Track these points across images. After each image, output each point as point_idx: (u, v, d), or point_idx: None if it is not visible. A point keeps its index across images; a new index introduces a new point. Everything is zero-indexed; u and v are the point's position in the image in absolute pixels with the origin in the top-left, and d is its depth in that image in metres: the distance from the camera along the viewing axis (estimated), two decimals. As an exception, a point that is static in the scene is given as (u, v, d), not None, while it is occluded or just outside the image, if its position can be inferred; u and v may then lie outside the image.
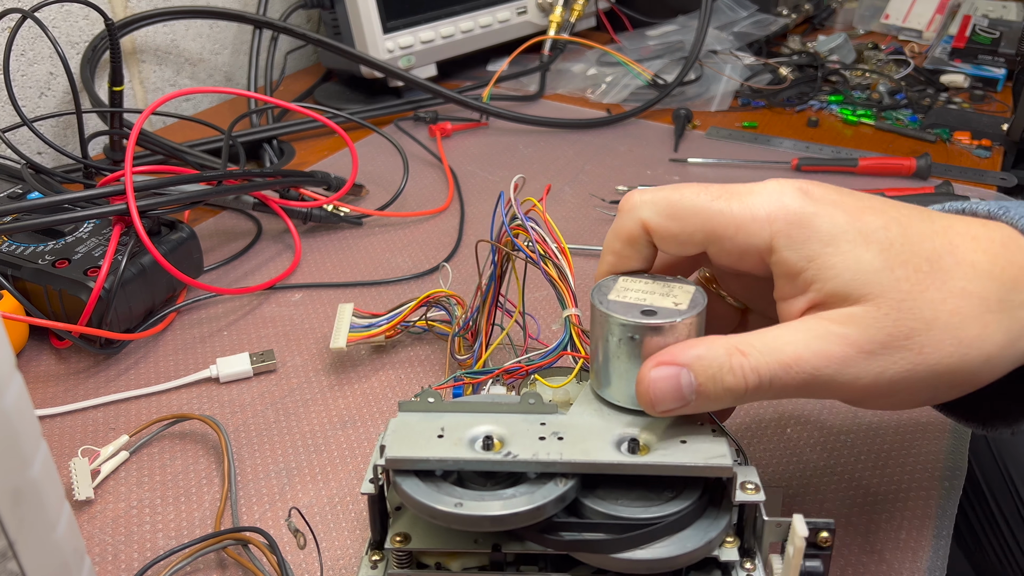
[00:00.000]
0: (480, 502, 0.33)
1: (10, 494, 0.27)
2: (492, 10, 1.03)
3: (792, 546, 0.32)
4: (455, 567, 0.36)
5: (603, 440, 0.35)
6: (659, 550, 0.33)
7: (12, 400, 0.27)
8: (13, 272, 0.57)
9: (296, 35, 0.88)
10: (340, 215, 0.72)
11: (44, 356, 0.58)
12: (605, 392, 0.37)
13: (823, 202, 0.34)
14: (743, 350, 0.33)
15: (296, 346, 0.58)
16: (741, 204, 0.34)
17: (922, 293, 0.33)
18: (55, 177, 0.67)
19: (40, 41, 0.82)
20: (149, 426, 0.50)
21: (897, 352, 0.33)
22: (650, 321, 0.34)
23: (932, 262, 0.33)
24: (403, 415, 0.36)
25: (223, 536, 0.42)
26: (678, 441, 0.35)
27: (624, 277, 0.38)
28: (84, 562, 0.33)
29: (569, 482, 0.34)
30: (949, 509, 0.45)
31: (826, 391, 0.33)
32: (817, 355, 0.32)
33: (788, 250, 0.33)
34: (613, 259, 0.38)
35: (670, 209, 0.36)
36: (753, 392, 0.33)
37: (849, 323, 0.33)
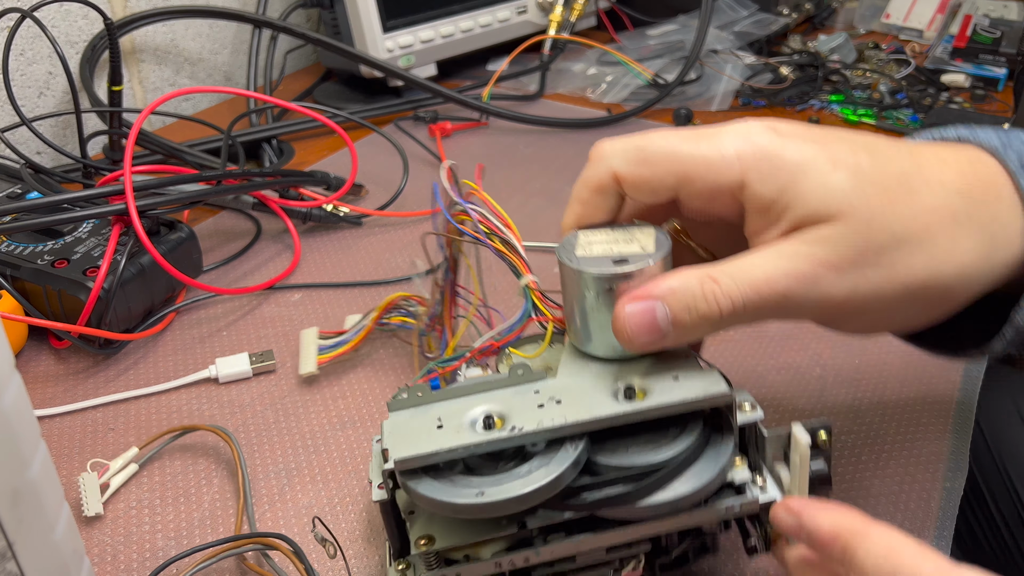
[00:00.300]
0: (500, 486, 0.32)
1: (9, 495, 0.27)
2: (492, 9, 1.03)
3: (796, 454, 0.33)
4: (485, 554, 0.35)
5: (600, 394, 0.35)
6: (679, 488, 0.34)
7: (11, 400, 0.27)
8: (12, 272, 0.57)
9: (296, 34, 0.87)
10: (340, 215, 0.72)
11: (43, 356, 0.58)
12: (588, 347, 0.37)
13: (790, 136, 0.35)
14: (715, 277, 0.34)
15: (296, 346, 0.58)
16: (710, 145, 0.35)
17: (892, 210, 0.33)
18: (54, 177, 0.67)
19: (39, 40, 0.82)
20: (159, 437, 0.49)
21: (868, 268, 0.33)
22: (624, 269, 0.35)
23: (901, 181, 0.34)
24: (394, 415, 0.36)
25: (246, 540, 0.41)
26: (671, 379, 0.35)
27: (584, 231, 0.38)
28: (83, 563, 0.33)
29: (579, 444, 0.34)
30: (949, 510, 0.45)
31: (800, 311, 0.34)
32: (788, 275, 0.33)
33: (759, 184, 0.34)
34: (581, 209, 0.38)
35: (640, 155, 0.36)
36: (728, 318, 0.34)
37: (819, 242, 0.33)
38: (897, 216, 0.33)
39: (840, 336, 0.57)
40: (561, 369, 0.37)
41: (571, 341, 0.38)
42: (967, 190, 0.34)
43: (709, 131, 0.36)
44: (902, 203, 0.33)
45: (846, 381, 0.54)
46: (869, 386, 0.53)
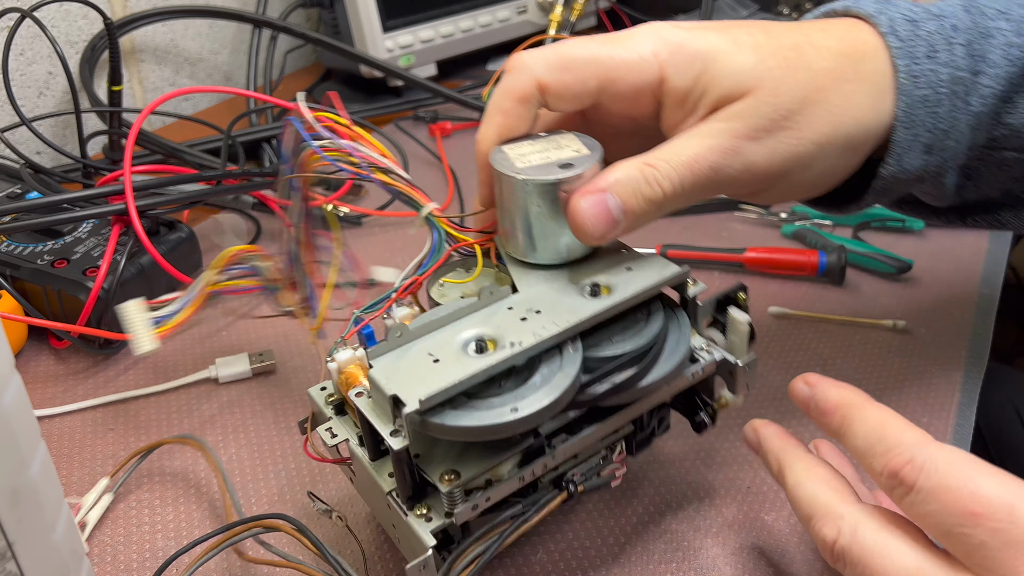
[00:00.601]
0: (527, 399, 0.33)
1: (8, 495, 0.27)
2: (492, 9, 1.03)
3: (737, 323, 0.39)
4: (504, 473, 0.35)
5: (571, 297, 0.37)
6: (665, 364, 0.36)
7: (11, 400, 0.27)
8: (12, 272, 0.57)
9: (295, 34, 0.87)
10: (339, 215, 0.72)
11: (43, 356, 0.58)
12: (538, 257, 0.38)
13: (695, 29, 0.38)
14: (651, 163, 0.36)
15: (295, 346, 0.58)
16: (625, 47, 0.38)
17: (792, 78, 0.37)
18: (54, 177, 0.67)
19: (39, 40, 0.82)
20: (127, 463, 0.47)
21: (781, 132, 0.37)
22: (572, 172, 0.37)
23: (795, 52, 0.38)
24: (378, 362, 0.34)
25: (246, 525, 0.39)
26: (625, 271, 0.38)
27: (508, 146, 0.39)
28: (83, 563, 0.33)
29: (579, 344, 0.35)
30: (950, 509, 0.45)
31: (730, 184, 0.38)
32: (712, 150, 0.37)
33: (677, 76, 0.37)
34: (502, 119, 0.39)
35: (562, 61, 0.38)
36: (671, 198, 0.37)
37: (735, 117, 0.37)
38: (797, 82, 0.37)
39: (840, 336, 0.57)
40: (519, 283, 0.38)
41: (511, 254, 0.39)
42: (849, 52, 0.38)
43: (622, 35, 0.38)
44: (799, 70, 0.37)
45: (847, 381, 0.53)
46: (869, 386, 0.53)
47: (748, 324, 0.39)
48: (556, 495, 0.36)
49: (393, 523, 0.36)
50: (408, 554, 0.36)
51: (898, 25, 0.39)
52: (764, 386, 0.53)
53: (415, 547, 0.34)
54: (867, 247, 0.64)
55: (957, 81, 0.38)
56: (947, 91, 0.38)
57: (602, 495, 0.46)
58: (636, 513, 0.45)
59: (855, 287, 0.63)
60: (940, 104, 0.38)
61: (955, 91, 0.38)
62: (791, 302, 0.61)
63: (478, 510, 0.34)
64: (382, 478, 0.36)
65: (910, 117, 0.38)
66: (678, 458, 0.48)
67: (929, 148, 0.39)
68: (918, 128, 0.39)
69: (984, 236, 0.69)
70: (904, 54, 0.38)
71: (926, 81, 0.38)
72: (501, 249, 0.40)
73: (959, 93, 0.39)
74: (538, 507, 0.36)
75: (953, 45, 0.39)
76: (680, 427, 0.50)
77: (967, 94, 0.39)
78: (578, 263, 0.39)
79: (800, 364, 0.55)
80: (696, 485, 0.46)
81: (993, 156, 0.41)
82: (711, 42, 0.37)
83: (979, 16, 0.40)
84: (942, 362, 0.55)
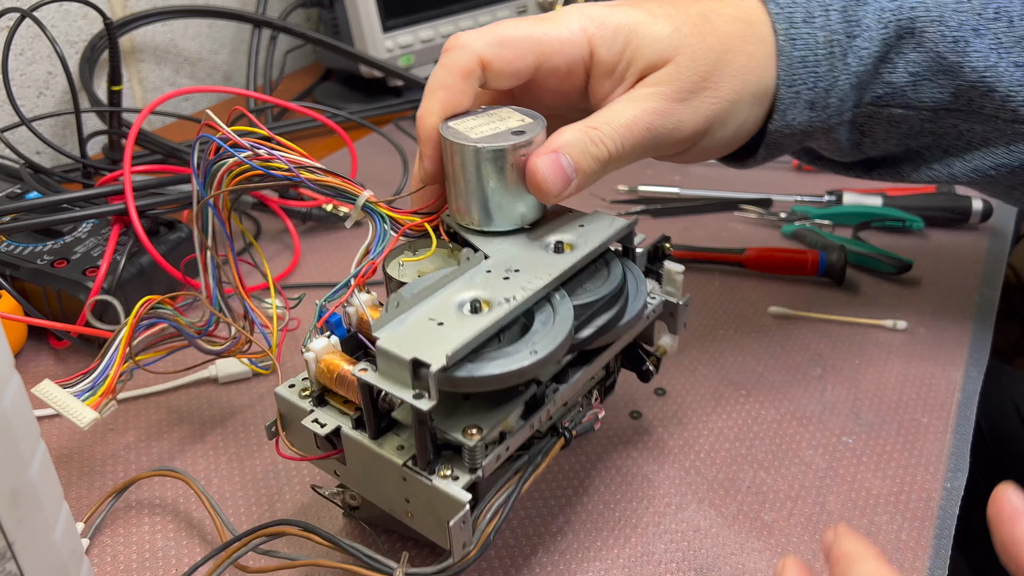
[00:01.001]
0: (544, 341, 0.35)
1: (8, 495, 0.27)
2: (492, 9, 1.03)
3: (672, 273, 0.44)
4: (513, 424, 0.37)
5: (541, 254, 0.39)
6: (636, 304, 0.40)
7: (10, 400, 0.27)
8: (12, 272, 0.57)
9: (295, 34, 0.87)
10: (339, 215, 0.72)
11: (43, 356, 0.58)
12: (495, 225, 0.40)
13: (614, 6, 0.42)
14: (594, 126, 0.39)
15: (295, 346, 0.58)
16: (556, 25, 0.41)
17: (705, 42, 0.41)
18: (54, 177, 0.67)
19: (39, 40, 0.82)
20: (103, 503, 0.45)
21: (703, 93, 0.41)
22: (525, 138, 0.39)
23: (703, 19, 0.42)
24: (383, 332, 0.35)
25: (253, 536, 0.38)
26: (579, 227, 0.41)
27: (455, 121, 0.40)
28: (83, 563, 0.33)
29: (563, 293, 0.38)
30: (949, 510, 0.45)
31: (664, 143, 0.41)
32: (646, 112, 0.40)
33: (604, 48, 0.41)
34: (446, 93, 0.40)
35: (500, 38, 0.40)
36: (615, 158, 0.40)
37: (661, 82, 0.41)
38: (710, 47, 0.41)
39: (840, 336, 0.57)
40: (483, 249, 0.40)
41: (468, 226, 0.41)
42: (744, 17, 0.43)
43: (551, 14, 0.41)
44: (709, 35, 0.41)
45: (846, 381, 0.54)
46: (869, 386, 0.53)
47: (681, 272, 0.44)
48: (555, 441, 0.40)
49: (406, 497, 0.36)
50: (426, 525, 0.36)
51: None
52: (764, 386, 0.53)
53: (445, 508, 0.35)
54: (867, 247, 0.64)
55: (834, 43, 0.43)
56: (825, 52, 0.43)
57: (602, 496, 0.46)
58: (636, 513, 0.45)
59: (855, 287, 0.63)
60: (819, 64, 0.43)
61: (833, 52, 0.43)
62: (791, 302, 0.61)
63: (500, 460, 0.36)
64: (391, 454, 0.36)
65: (791, 76, 0.43)
66: (678, 458, 0.48)
67: (812, 104, 0.43)
68: (799, 86, 0.43)
69: (984, 236, 0.69)
70: (783, 19, 0.43)
71: (803, 43, 0.43)
72: (452, 224, 0.42)
73: (837, 54, 0.43)
74: (544, 454, 0.39)
75: (829, 11, 0.43)
76: (680, 426, 0.50)
77: (845, 55, 0.43)
78: (533, 227, 0.41)
79: (800, 364, 0.55)
80: (696, 485, 0.46)
81: (881, 113, 0.45)
82: (630, 15, 0.41)
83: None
84: (942, 362, 0.55)
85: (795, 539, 0.43)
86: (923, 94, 0.44)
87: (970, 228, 0.70)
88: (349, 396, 0.38)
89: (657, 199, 0.75)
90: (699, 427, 0.50)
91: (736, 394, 0.53)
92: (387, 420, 0.37)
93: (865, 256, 0.64)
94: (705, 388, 0.53)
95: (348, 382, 0.37)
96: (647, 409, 0.52)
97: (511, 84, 0.41)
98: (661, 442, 0.49)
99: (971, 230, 0.69)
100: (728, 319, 0.60)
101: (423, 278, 0.39)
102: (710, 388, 0.53)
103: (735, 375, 0.54)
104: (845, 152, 0.48)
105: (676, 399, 0.52)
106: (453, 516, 0.34)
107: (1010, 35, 0.43)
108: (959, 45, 0.43)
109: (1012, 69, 0.43)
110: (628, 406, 0.52)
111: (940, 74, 0.44)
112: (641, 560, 0.42)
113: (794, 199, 0.73)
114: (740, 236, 0.69)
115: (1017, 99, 0.43)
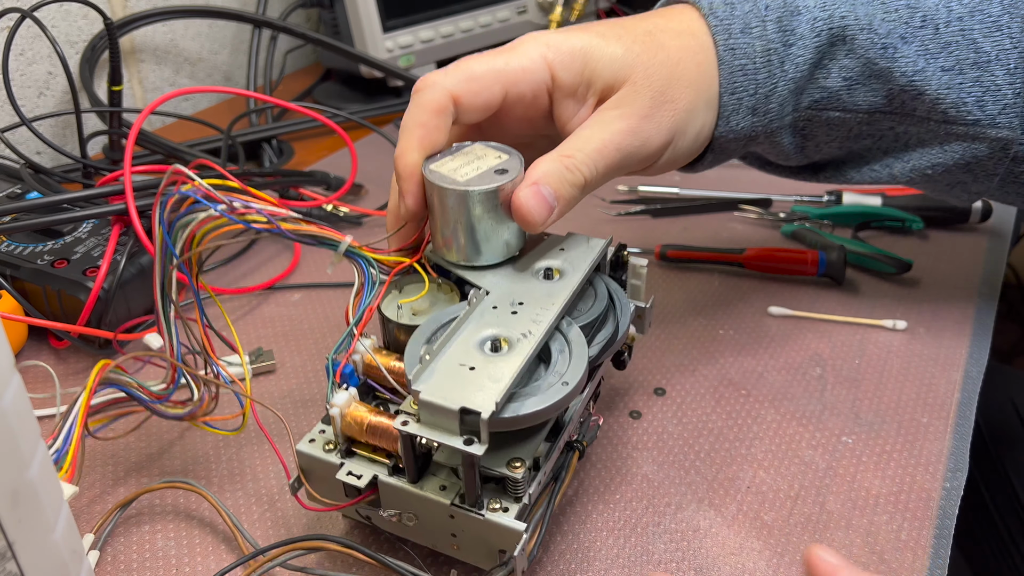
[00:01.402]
0: (571, 371, 0.37)
1: (9, 495, 0.27)
2: (492, 9, 1.03)
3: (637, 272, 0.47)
4: (543, 450, 0.39)
5: (538, 283, 0.42)
6: (626, 315, 0.43)
7: (10, 400, 0.27)
8: (12, 272, 0.57)
9: (295, 34, 0.87)
10: (339, 215, 0.72)
11: (43, 356, 0.58)
12: (483, 259, 0.42)
13: (567, 32, 0.44)
14: (568, 154, 0.41)
15: (295, 346, 0.58)
16: (517, 55, 0.43)
17: (656, 59, 0.43)
18: (54, 177, 0.67)
19: (39, 40, 0.82)
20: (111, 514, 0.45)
21: (663, 107, 0.43)
22: (509, 177, 0.41)
23: (651, 38, 0.44)
24: (422, 384, 0.36)
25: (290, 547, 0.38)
26: (560, 252, 0.44)
27: (436, 162, 0.42)
28: (83, 563, 0.33)
29: (569, 319, 0.40)
30: (949, 510, 0.45)
31: (636, 160, 0.43)
32: (614, 134, 0.42)
33: (564, 72, 0.43)
34: (422, 131, 0.42)
35: (467, 74, 0.42)
36: (591, 182, 0.42)
37: (622, 103, 0.43)
38: (661, 62, 0.43)
39: (841, 336, 0.57)
40: (478, 284, 0.41)
41: (455, 262, 0.42)
42: (687, 31, 0.45)
43: (511, 46, 0.43)
44: (658, 51, 0.44)
45: (846, 381, 0.54)
46: (869, 386, 0.53)
47: (645, 265, 0.47)
48: (571, 455, 0.41)
49: (453, 533, 0.38)
50: (475, 555, 0.38)
51: (716, 7, 0.46)
52: (764, 386, 0.53)
53: (500, 539, 0.36)
54: (867, 247, 0.64)
55: (772, 52, 0.45)
56: (763, 60, 0.45)
57: (602, 495, 0.46)
58: (636, 513, 0.45)
59: (855, 287, 0.63)
60: (758, 72, 0.45)
61: (771, 60, 0.45)
62: (791, 302, 0.61)
63: (542, 485, 0.39)
64: (437, 495, 0.37)
65: (732, 84, 0.45)
66: (677, 458, 0.48)
67: (754, 110, 0.46)
68: (740, 93, 0.45)
69: (984, 236, 0.69)
70: (722, 31, 0.45)
71: (743, 52, 0.45)
72: (437, 259, 0.43)
73: (775, 62, 0.45)
74: (566, 469, 0.41)
75: (766, 22, 0.45)
76: (680, 426, 0.50)
77: (782, 62, 0.45)
78: (521, 257, 0.43)
79: (800, 364, 0.55)
80: (695, 485, 0.46)
81: (819, 116, 0.48)
82: (584, 39, 0.43)
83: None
84: (942, 362, 0.55)
85: (795, 539, 0.43)
86: (857, 98, 0.47)
87: (970, 228, 0.70)
88: (381, 444, 0.39)
89: (657, 199, 0.75)
90: (699, 427, 0.50)
91: (736, 394, 0.53)
92: (424, 463, 0.38)
93: (865, 256, 0.64)
94: (705, 388, 0.53)
95: (383, 432, 0.38)
96: (647, 409, 0.52)
97: (482, 116, 0.43)
98: (661, 442, 0.49)
99: (971, 230, 0.69)
100: (728, 319, 0.60)
101: (429, 320, 0.40)
102: (710, 388, 0.53)
103: (735, 375, 0.54)
104: (791, 156, 0.50)
105: (676, 399, 0.53)
106: (512, 545, 0.36)
107: (936, 41, 0.45)
108: (888, 51, 0.46)
109: (940, 73, 0.45)
110: (628, 406, 0.52)
111: (872, 78, 0.46)
112: (640, 560, 0.42)
113: (794, 199, 0.73)
114: (740, 236, 0.69)
115: (946, 101, 0.46)
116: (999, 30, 0.45)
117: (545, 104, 0.44)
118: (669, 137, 0.44)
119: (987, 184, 0.49)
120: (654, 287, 0.64)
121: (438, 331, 0.40)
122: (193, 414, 0.44)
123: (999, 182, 0.49)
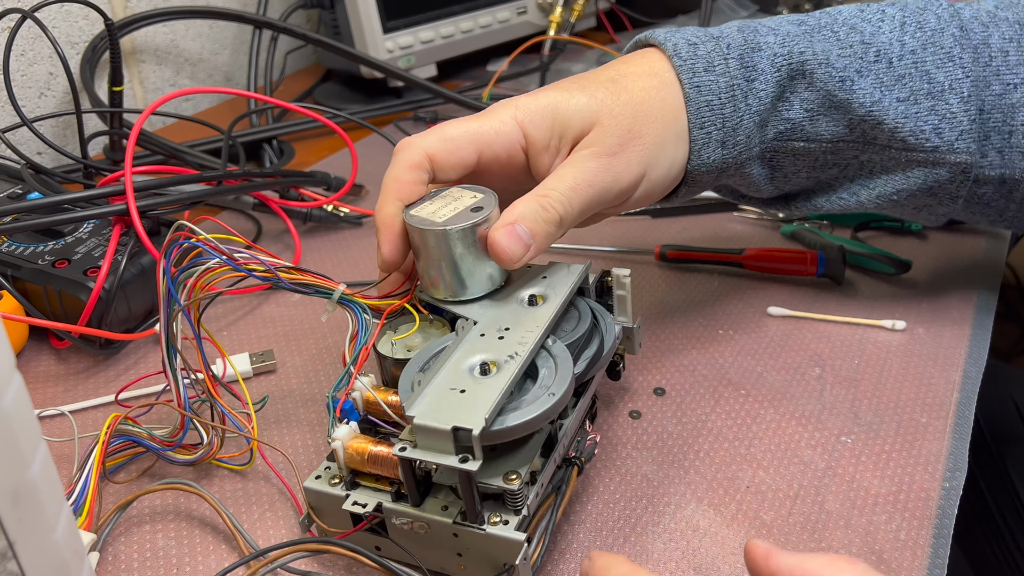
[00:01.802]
0: (556, 383, 0.39)
1: (9, 494, 0.27)
2: (492, 10, 1.03)
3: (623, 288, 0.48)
4: (538, 464, 0.40)
5: (522, 310, 0.43)
6: (611, 333, 0.45)
7: (11, 400, 0.27)
8: (13, 272, 0.57)
9: (296, 35, 0.88)
10: (340, 215, 0.72)
11: (44, 356, 0.58)
12: (469, 293, 0.44)
13: (535, 94, 0.46)
14: (544, 194, 0.43)
15: (296, 346, 0.58)
16: (490, 119, 0.45)
17: (621, 101, 0.46)
18: (55, 177, 0.67)
19: (40, 41, 0.82)
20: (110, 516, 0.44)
21: (632, 143, 0.45)
22: (484, 214, 0.43)
23: (612, 82, 0.47)
24: (416, 410, 0.37)
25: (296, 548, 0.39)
26: (543, 279, 0.46)
27: (416, 208, 0.44)
28: (84, 563, 0.33)
29: (555, 338, 0.42)
30: (949, 510, 0.45)
31: (609, 195, 0.45)
32: (586, 172, 0.44)
33: (534, 129, 0.45)
34: (397, 186, 0.44)
35: (443, 136, 0.45)
36: (567, 219, 0.44)
37: (593, 144, 0.45)
38: (625, 103, 0.46)
39: (840, 336, 0.57)
40: (473, 316, 0.43)
41: (443, 299, 0.44)
42: (651, 72, 0.47)
43: (484, 112, 0.46)
44: (622, 94, 0.46)
45: (845, 381, 0.54)
46: (868, 386, 0.53)
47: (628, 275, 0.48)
48: (571, 469, 0.42)
49: (458, 552, 0.39)
50: (482, 572, 0.39)
51: (680, 48, 0.48)
52: (763, 386, 0.53)
53: (503, 552, 0.37)
54: (866, 247, 0.64)
55: (736, 87, 0.47)
56: (728, 96, 0.47)
57: (601, 495, 0.46)
58: (635, 513, 0.45)
59: (855, 287, 0.63)
60: (724, 107, 0.47)
61: (735, 95, 0.47)
62: (791, 302, 0.61)
63: (539, 497, 0.40)
64: (439, 515, 0.38)
65: (700, 119, 0.47)
66: (677, 458, 0.48)
67: (723, 143, 0.48)
68: (708, 128, 0.47)
69: (983, 236, 0.69)
70: (686, 70, 0.47)
71: (708, 89, 0.47)
72: (427, 298, 0.45)
73: (739, 96, 0.47)
74: (566, 483, 0.42)
75: (728, 59, 0.48)
76: (679, 426, 0.50)
77: (746, 97, 0.48)
78: (503, 287, 0.45)
79: (799, 364, 0.55)
80: (695, 485, 0.47)
81: (785, 147, 0.50)
82: (550, 96, 0.46)
83: (751, 34, 0.49)
84: (941, 362, 0.55)
85: (794, 538, 0.43)
86: (820, 128, 0.49)
87: (969, 229, 0.70)
88: (383, 473, 0.40)
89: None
90: (698, 427, 0.50)
91: (735, 394, 0.53)
92: (425, 486, 0.39)
93: (864, 256, 0.64)
94: (704, 388, 0.54)
95: (383, 460, 0.40)
96: (647, 409, 0.52)
97: (458, 175, 0.45)
98: (660, 442, 0.49)
99: (970, 231, 0.70)
100: (727, 319, 0.60)
101: (421, 352, 0.42)
102: (709, 388, 0.53)
103: (734, 375, 0.54)
104: (762, 188, 0.52)
105: (675, 399, 0.53)
106: (514, 556, 0.37)
107: (890, 74, 0.48)
108: (845, 84, 0.48)
109: (896, 104, 0.48)
110: (628, 406, 0.52)
111: (832, 109, 0.49)
112: (640, 559, 0.42)
113: (794, 199, 0.73)
114: (739, 236, 0.70)
115: (904, 130, 0.48)
116: (951, 60, 0.48)
117: (521, 161, 0.46)
118: (641, 171, 0.46)
119: (952, 206, 0.51)
120: (654, 287, 0.64)
121: (429, 360, 0.42)
122: (202, 459, 0.46)
123: (963, 203, 0.51)
